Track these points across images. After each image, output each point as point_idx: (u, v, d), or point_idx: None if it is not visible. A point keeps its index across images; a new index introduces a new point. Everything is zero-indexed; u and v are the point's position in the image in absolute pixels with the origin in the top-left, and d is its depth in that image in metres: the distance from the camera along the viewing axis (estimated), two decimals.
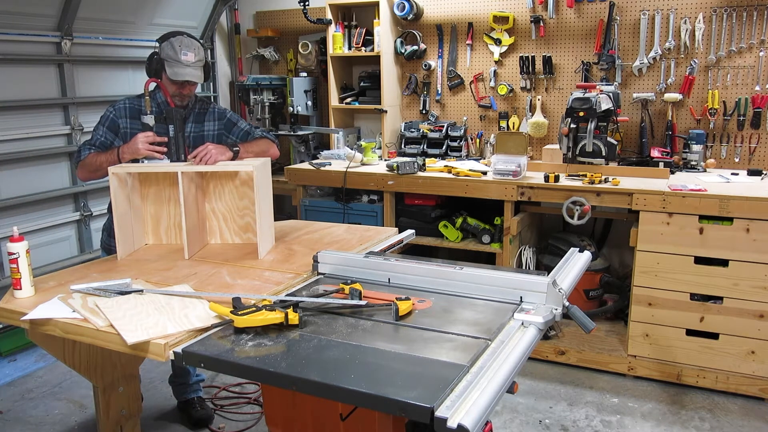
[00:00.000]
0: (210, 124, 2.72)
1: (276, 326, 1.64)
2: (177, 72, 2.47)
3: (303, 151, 4.42)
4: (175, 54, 2.46)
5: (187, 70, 2.48)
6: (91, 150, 2.49)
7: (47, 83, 3.76)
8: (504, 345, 1.52)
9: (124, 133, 2.53)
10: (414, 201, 3.75)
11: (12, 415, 3.08)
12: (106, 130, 2.53)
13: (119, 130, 2.53)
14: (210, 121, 2.72)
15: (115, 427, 2.30)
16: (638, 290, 3.16)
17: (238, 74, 4.98)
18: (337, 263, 2.08)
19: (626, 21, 3.69)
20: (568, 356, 3.39)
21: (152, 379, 3.35)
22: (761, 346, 2.98)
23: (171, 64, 2.46)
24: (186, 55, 2.47)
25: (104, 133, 2.53)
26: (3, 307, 1.88)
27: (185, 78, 2.48)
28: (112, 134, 2.53)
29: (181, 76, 2.47)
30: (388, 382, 1.38)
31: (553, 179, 3.27)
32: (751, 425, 2.88)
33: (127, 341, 1.57)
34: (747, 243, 2.90)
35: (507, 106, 4.10)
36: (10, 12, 3.41)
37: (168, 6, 4.29)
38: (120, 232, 2.30)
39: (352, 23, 4.31)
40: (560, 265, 1.98)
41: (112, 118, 2.53)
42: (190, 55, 2.49)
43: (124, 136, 2.52)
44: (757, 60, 3.44)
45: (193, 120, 2.66)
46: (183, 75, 2.47)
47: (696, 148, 3.48)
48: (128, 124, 2.53)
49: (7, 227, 3.55)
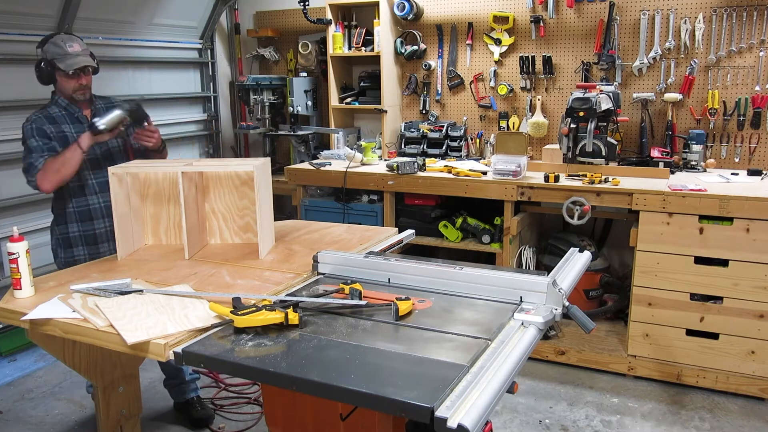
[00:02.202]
0: None
1: (276, 326, 1.64)
2: (70, 63, 2.50)
3: (303, 151, 4.42)
4: (62, 49, 2.50)
5: (79, 58, 2.52)
6: (43, 156, 2.46)
7: None
8: (504, 345, 1.52)
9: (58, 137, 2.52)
10: (414, 201, 3.75)
11: (12, 415, 3.08)
12: (39, 138, 2.49)
13: (49, 134, 2.51)
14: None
15: (115, 427, 2.30)
16: (638, 290, 3.16)
17: (238, 74, 4.98)
18: (337, 263, 2.08)
19: (626, 21, 3.69)
20: (568, 356, 3.39)
21: (152, 379, 3.35)
22: (761, 346, 2.98)
23: (62, 59, 2.49)
24: (72, 46, 2.52)
25: (41, 141, 2.49)
26: (3, 307, 1.88)
27: (80, 65, 2.52)
28: (47, 140, 2.50)
29: (76, 64, 2.51)
30: (388, 382, 1.38)
31: (553, 179, 3.27)
32: (751, 425, 2.88)
33: (127, 341, 1.57)
34: (747, 243, 2.90)
35: (507, 106, 4.10)
36: (10, 12, 3.41)
37: (168, 6, 4.29)
38: (120, 232, 2.30)
39: (352, 23, 4.31)
40: (560, 265, 1.98)
41: (37, 128, 2.50)
42: (75, 45, 2.53)
43: (59, 140, 2.52)
44: (757, 60, 3.44)
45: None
46: (77, 63, 2.51)
47: (696, 148, 3.48)
48: (53, 129, 2.53)
49: (7, 227, 3.55)
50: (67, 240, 2.63)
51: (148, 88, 4.41)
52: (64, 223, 2.63)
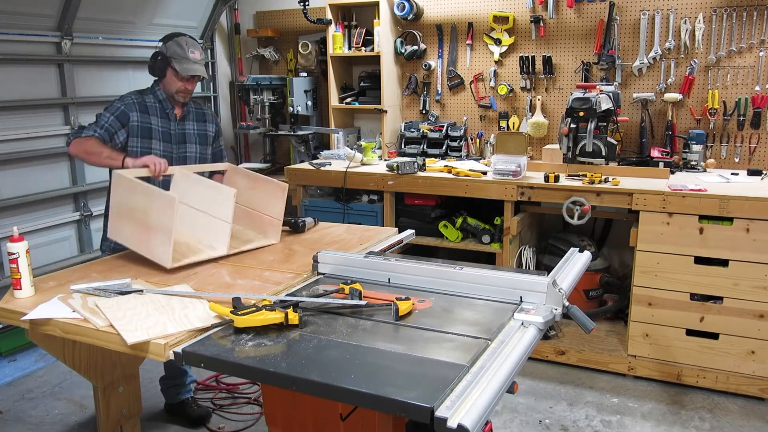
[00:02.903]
0: (210, 126, 2.85)
1: (276, 326, 1.64)
2: (187, 68, 2.60)
3: (303, 151, 4.42)
4: (184, 52, 2.59)
5: (196, 66, 2.63)
6: (96, 133, 2.52)
7: (47, 83, 3.76)
8: (504, 345, 1.52)
9: (134, 127, 2.58)
10: (414, 201, 3.75)
11: (12, 415, 3.08)
12: (114, 119, 2.56)
13: (128, 122, 2.57)
14: (210, 123, 2.85)
15: (115, 427, 2.30)
16: (638, 290, 3.16)
17: (238, 74, 4.98)
18: (337, 263, 2.08)
19: (626, 21, 3.69)
20: (568, 356, 3.39)
21: (152, 379, 3.34)
22: (761, 346, 2.98)
23: (180, 61, 2.58)
24: (193, 52, 2.63)
25: (111, 121, 2.56)
26: (3, 307, 1.89)
27: (195, 73, 2.62)
28: (118, 124, 2.56)
29: (192, 71, 2.61)
30: (388, 382, 1.38)
31: (553, 179, 3.27)
32: (751, 425, 2.88)
33: (127, 341, 1.57)
34: (747, 243, 2.90)
35: (507, 106, 4.10)
36: (10, 12, 3.41)
37: (168, 6, 4.29)
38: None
39: (352, 23, 4.31)
40: (560, 265, 1.98)
41: (122, 110, 2.58)
42: (197, 52, 2.65)
43: (133, 130, 2.58)
44: (757, 60, 3.44)
45: (194, 119, 2.77)
46: (193, 70, 2.61)
47: (696, 148, 3.48)
48: (139, 117, 2.60)
49: (7, 227, 3.55)
50: None
51: None
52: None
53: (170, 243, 2.08)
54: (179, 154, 2.70)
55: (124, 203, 2.26)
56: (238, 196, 2.29)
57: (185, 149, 2.72)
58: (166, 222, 2.08)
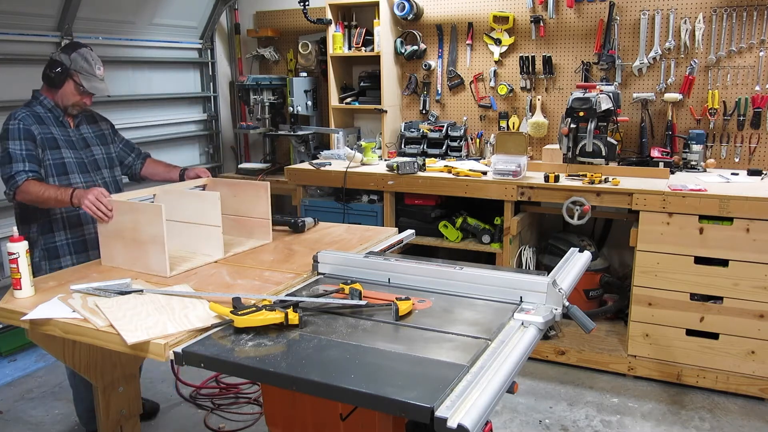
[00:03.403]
0: (104, 124, 2.76)
1: (276, 326, 1.64)
2: (95, 86, 2.51)
3: (303, 151, 4.42)
4: (91, 68, 2.49)
5: (102, 85, 2.54)
6: (27, 174, 2.35)
7: None
8: (504, 345, 1.52)
9: (42, 140, 2.44)
10: (414, 201, 3.75)
11: (12, 415, 3.08)
12: (24, 141, 2.39)
13: (36, 137, 2.43)
14: (102, 121, 2.76)
15: (115, 427, 2.30)
16: (638, 290, 3.16)
17: (238, 74, 4.98)
18: (337, 263, 2.08)
19: (626, 21, 3.69)
20: (568, 356, 3.39)
21: (152, 379, 3.35)
22: (761, 346, 2.98)
23: (88, 78, 2.48)
24: (99, 69, 2.53)
25: (24, 146, 2.39)
26: (3, 307, 1.89)
27: (103, 93, 2.55)
28: (32, 144, 2.41)
29: (100, 91, 2.53)
30: (388, 382, 1.38)
31: (553, 179, 3.27)
32: (751, 425, 2.88)
33: (127, 341, 1.57)
34: (747, 243, 2.90)
35: (507, 106, 4.10)
36: (10, 12, 3.41)
37: (168, 6, 4.29)
38: None
39: (352, 23, 4.31)
40: (560, 265, 1.98)
41: (23, 128, 2.40)
42: (102, 70, 2.54)
43: (42, 143, 2.44)
44: (757, 60, 3.44)
45: (86, 122, 2.67)
46: (101, 90, 2.54)
47: (696, 148, 3.48)
48: (39, 129, 2.45)
49: (7, 227, 3.55)
50: (54, 250, 2.53)
51: (148, 88, 4.41)
52: (50, 232, 2.52)
53: (165, 251, 2.08)
54: (89, 159, 2.60)
55: (111, 227, 2.20)
56: (223, 207, 2.29)
57: (91, 152, 2.62)
58: (157, 231, 2.07)
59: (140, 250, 2.14)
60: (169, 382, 3.33)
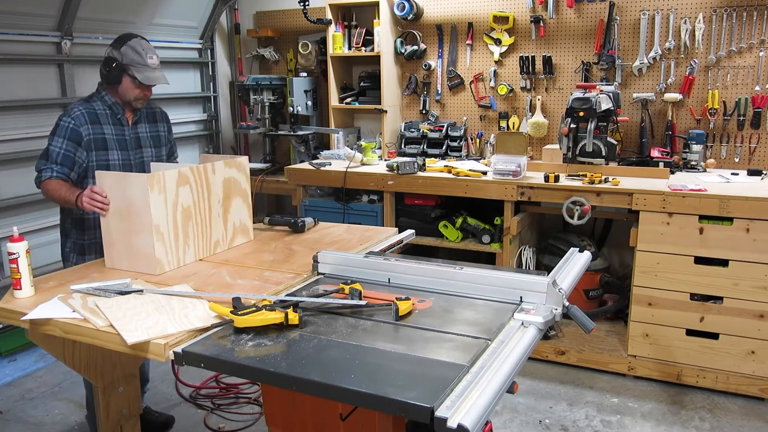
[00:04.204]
0: (162, 126, 2.73)
1: (276, 326, 1.64)
2: (149, 77, 2.44)
3: (303, 151, 4.42)
4: (142, 58, 2.43)
5: (157, 74, 2.47)
6: (52, 173, 2.37)
7: (47, 83, 3.76)
8: (504, 345, 1.52)
9: (88, 141, 2.44)
10: (414, 201, 3.75)
11: (12, 415, 3.08)
12: (67, 141, 2.40)
13: (82, 139, 2.42)
14: (161, 122, 2.73)
15: (115, 427, 2.30)
16: (638, 290, 3.16)
17: (238, 74, 4.98)
18: (337, 263, 2.08)
19: (626, 21, 3.69)
20: (568, 356, 3.39)
21: (152, 379, 3.34)
22: (761, 346, 2.98)
23: (140, 69, 2.43)
24: (152, 58, 2.46)
25: (64, 146, 2.40)
26: (3, 307, 1.89)
27: (158, 82, 2.47)
28: (74, 145, 2.41)
29: (154, 80, 2.46)
30: (388, 382, 1.38)
31: (553, 179, 3.27)
32: (751, 425, 2.88)
33: (127, 341, 1.57)
34: (747, 243, 2.90)
35: (507, 106, 4.10)
36: (10, 12, 3.41)
37: (168, 6, 4.29)
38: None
39: (352, 23, 4.31)
40: (560, 265, 1.98)
41: (72, 128, 2.41)
42: (155, 58, 2.48)
43: (89, 144, 2.44)
44: (757, 60, 3.44)
45: (146, 120, 2.65)
46: (155, 79, 2.46)
47: (696, 148, 3.48)
48: (91, 130, 2.45)
49: (7, 227, 3.55)
50: (81, 247, 2.56)
51: None
52: (81, 229, 2.54)
53: (152, 234, 2.07)
54: (137, 161, 2.58)
55: (112, 227, 2.19)
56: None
57: (141, 154, 2.60)
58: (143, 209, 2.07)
59: (131, 238, 2.13)
60: (169, 382, 3.33)
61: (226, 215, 2.42)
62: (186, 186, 2.21)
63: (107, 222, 2.18)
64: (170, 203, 2.14)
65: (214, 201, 2.35)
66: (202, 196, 2.29)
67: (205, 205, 2.31)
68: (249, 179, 2.53)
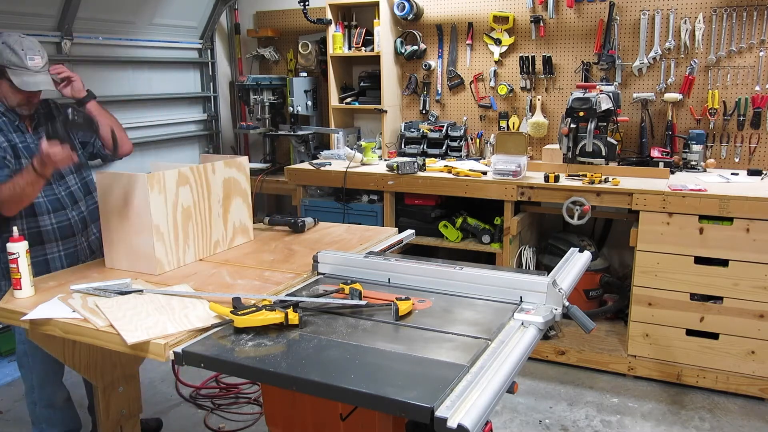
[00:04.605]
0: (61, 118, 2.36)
1: (276, 326, 1.64)
2: (27, 81, 2.13)
3: (303, 151, 4.42)
4: (20, 60, 2.11)
5: (39, 77, 2.15)
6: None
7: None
8: (504, 345, 1.52)
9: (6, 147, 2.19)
10: (414, 201, 3.75)
11: (12, 415, 3.08)
12: None
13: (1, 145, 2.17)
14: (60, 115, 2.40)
15: (115, 427, 2.30)
16: (638, 290, 3.16)
17: (238, 74, 4.98)
18: (337, 263, 2.08)
19: (626, 21, 3.69)
20: (568, 356, 3.39)
21: (152, 379, 3.35)
22: (761, 346, 2.98)
23: (17, 72, 2.11)
24: (33, 59, 2.14)
25: None
26: (3, 307, 1.89)
27: (39, 87, 2.16)
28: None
29: (34, 85, 2.14)
30: (388, 382, 1.38)
31: (553, 179, 3.27)
32: (751, 425, 2.88)
33: (127, 341, 1.57)
34: (747, 243, 2.90)
35: (507, 106, 4.10)
36: (10, 12, 3.41)
37: (168, 6, 4.29)
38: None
39: (352, 23, 4.31)
40: (560, 265, 1.98)
41: None
42: (37, 58, 2.15)
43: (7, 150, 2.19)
44: (757, 60, 3.44)
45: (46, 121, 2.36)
46: (36, 84, 2.15)
47: (696, 148, 3.48)
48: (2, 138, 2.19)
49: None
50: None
51: (148, 88, 4.41)
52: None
53: (152, 234, 2.07)
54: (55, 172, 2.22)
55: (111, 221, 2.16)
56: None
57: None
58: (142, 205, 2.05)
59: (130, 237, 2.12)
60: (169, 382, 3.33)
61: (226, 215, 2.42)
62: (186, 186, 2.21)
63: (107, 222, 2.19)
64: (170, 203, 2.14)
65: (214, 201, 2.35)
66: (202, 196, 2.29)
67: (205, 205, 2.31)
68: (249, 179, 2.53)
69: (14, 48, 2.12)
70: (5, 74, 2.13)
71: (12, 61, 2.11)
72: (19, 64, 2.12)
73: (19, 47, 2.13)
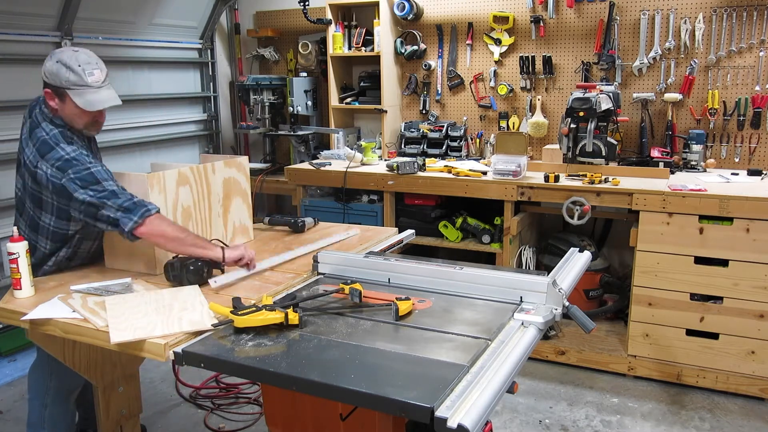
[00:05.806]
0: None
1: (276, 326, 1.64)
2: (91, 101, 1.96)
3: (303, 151, 4.42)
4: (79, 77, 1.93)
5: (103, 94, 1.98)
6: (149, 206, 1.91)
7: None
8: (504, 345, 1.52)
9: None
10: (414, 201, 3.75)
11: (12, 415, 3.08)
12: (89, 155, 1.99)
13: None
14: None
15: (115, 427, 2.30)
16: (638, 290, 3.16)
17: (238, 74, 4.98)
18: (337, 263, 2.08)
19: (626, 21, 3.69)
20: (568, 356, 3.39)
21: (152, 379, 3.35)
22: (761, 346, 2.98)
23: (79, 93, 1.94)
24: (92, 74, 1.96)
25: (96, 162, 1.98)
26: (3, 307, 1.89)
27: (105, 105, 1.99)
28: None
29: (100, 104, 1.97)
30: (388, 382, 1.38)
31: (553, 179, 3.27)
32: (751, 425, 2.88)
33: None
34: (747, 243, 2.90)
35: (507, 106, 4.10)
36: (10, 12, 3.41)
37: (168, 6, 4.29)
38: None
39: (352, 23, 4.31)
40: (560, 265, 1.98)
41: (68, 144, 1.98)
42: (96, 72, 1.97)
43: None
44: (757, 60, 3.44)
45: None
46: (101, 102, 1.97)
47: (696, 148, 3.48)
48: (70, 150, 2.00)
49: (7, 227, 3.54)
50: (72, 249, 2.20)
51: (148, 88, 4.41)
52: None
53: None
54: None
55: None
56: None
57: None
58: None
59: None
60: (169, 382, 3.33)
61: (226, 215, 2.42)
62: (186, 186, 2.21)
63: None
64: (170, 203, 2.14)
65: (214, 201, 2.35)
66: (202, 196, 2.29)
67: (205, 205, 2.31)
68: (249, 179, 2.54)
69: (70, 65, 1.93)
70: (67, 96, 1.95)
71: (71, 81, 1.93)
72: (79, 83, 1.94)
73: (75, 63, 1.94)
